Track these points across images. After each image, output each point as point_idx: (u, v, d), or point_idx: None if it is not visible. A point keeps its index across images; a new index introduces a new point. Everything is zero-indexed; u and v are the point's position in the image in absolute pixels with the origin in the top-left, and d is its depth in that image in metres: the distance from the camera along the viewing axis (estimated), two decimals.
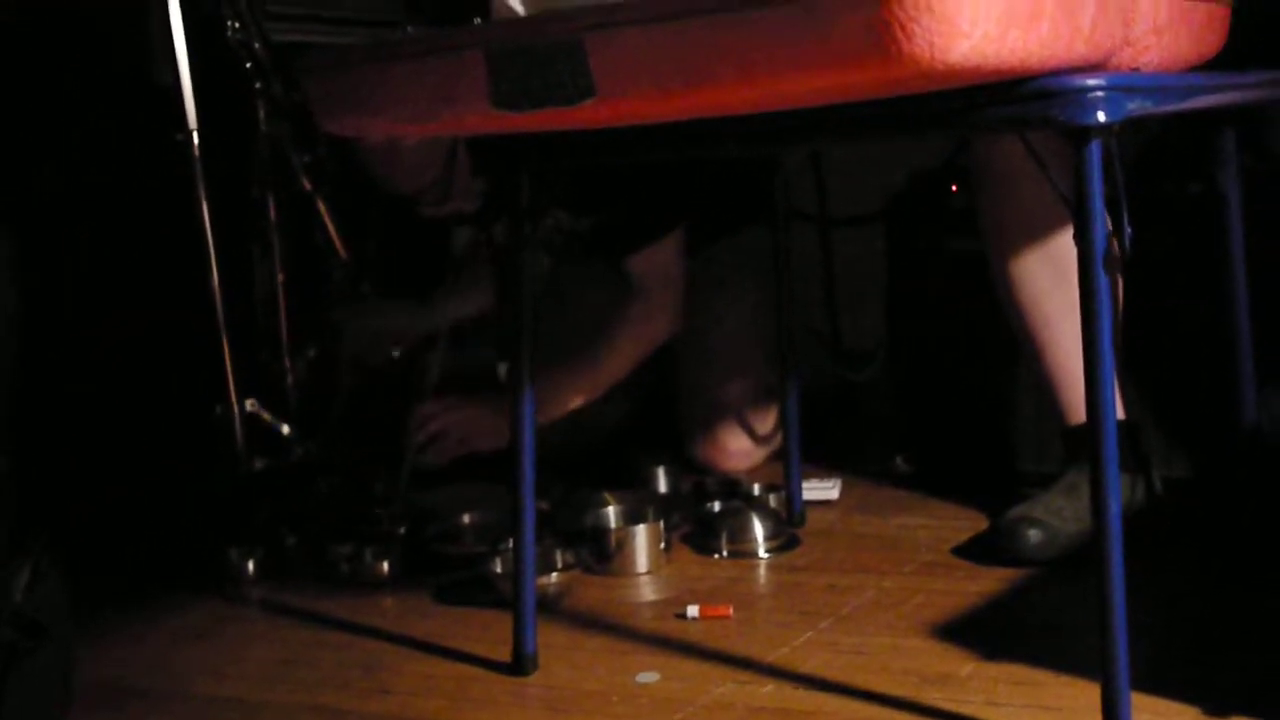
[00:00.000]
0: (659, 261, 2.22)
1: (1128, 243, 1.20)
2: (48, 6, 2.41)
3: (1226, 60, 1.44)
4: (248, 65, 2.07)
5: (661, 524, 1.89)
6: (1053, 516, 1.73)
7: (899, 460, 2.25)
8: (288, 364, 2.19)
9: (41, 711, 1.34)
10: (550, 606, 1.70)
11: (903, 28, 1.02)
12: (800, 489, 2.03)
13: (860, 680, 1.43)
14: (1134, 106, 1.17)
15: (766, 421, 2.32)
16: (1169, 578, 1.64)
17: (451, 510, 2.07)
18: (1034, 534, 1.71)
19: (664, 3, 1.15)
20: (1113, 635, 1.16)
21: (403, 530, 2.03)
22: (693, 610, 1.65)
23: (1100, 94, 1.14)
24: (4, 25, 2.30)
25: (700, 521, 2.00)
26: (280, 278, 2.16)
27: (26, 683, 1.31)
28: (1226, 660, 1.41)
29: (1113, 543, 1.16)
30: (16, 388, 1.41)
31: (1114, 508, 1.16)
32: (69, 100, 2.47)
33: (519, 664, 1.53)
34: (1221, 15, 1.42)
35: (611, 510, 1.96)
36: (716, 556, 1.90)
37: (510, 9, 1.27)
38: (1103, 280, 1.16)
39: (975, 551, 1.80)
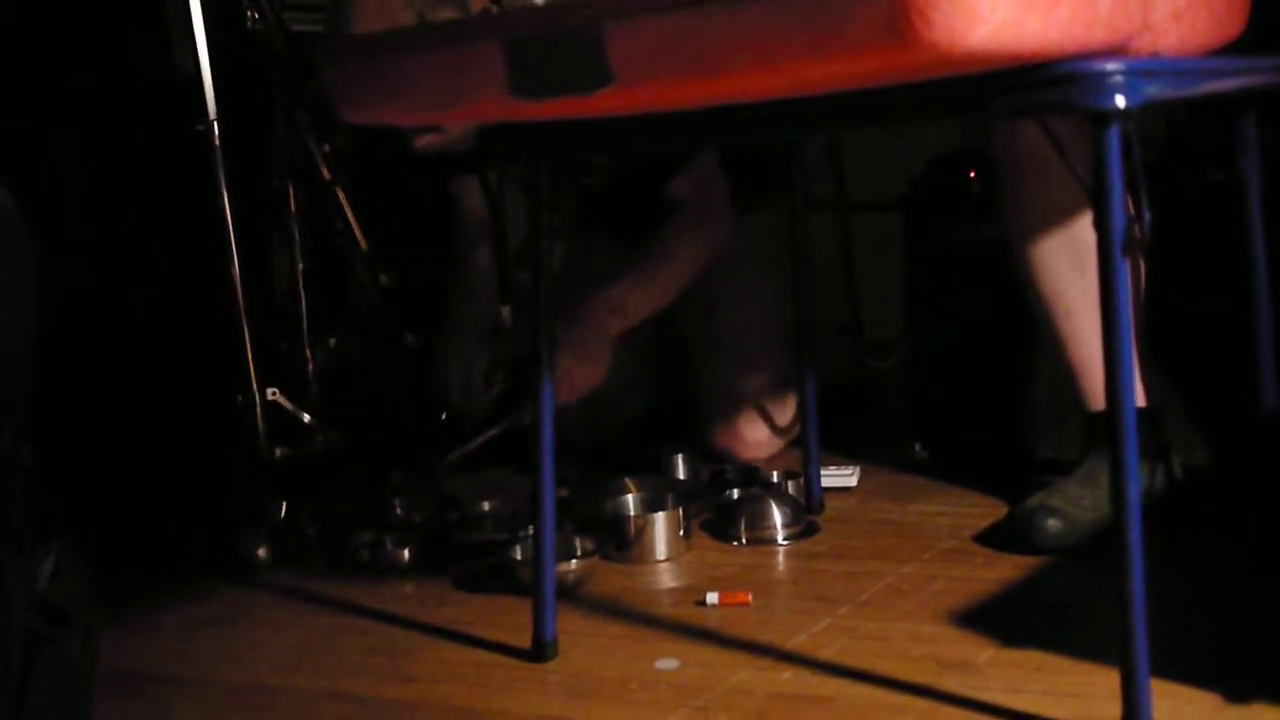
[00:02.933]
0: (703, 180, 2.26)
1: (1147, 228, 1.20)
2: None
3: (1247, 44, 1.43)
4: (267, 55, 2.08)
5: (681, 511, 1.89)
6: (1071, 505, 1.72)
7: (917, 447, 2.25)
8: (308, 353, 2.19)
9: (66, 698, 1.35)
10: (570, 593, 1.71)
11: (921, 14, 1.02)
12: (819, 476, 2.03)
13: (879, 666, 1.43)
14: (1153, 91, 1.17)
15: (785, 410, 2.32)
16: (1189, 564, 1.63)
17: (471, 498, 2.07)
18: (1052, 523, 1.71)
19: None
20: (1132, 621, 1.16)
21: (422, 518, 2.04)
22: (712, 597, 1.66)
23: (1119, 79, 1.13)
24: (23, 21, 2.30)
25: (719, 509, 2.01)
26: (300, 267, 2.17)
27: (51, 670, 1.32)
28: (1247, 646, 1.41)
29: (1132, 529, 1.16)
30: (37, 378, 1.42)
31: (1133, 494, 1.16)
32: (87, 91, 2.48)
33: (539, 650, 1.53)
34: None
35: (631, 498, 1.96)
36: (735, 544, 1.91)
37: None
38: (1121, 266, 1.16)
39: (994, 539, 1.80)
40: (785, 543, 1.89)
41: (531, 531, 1.58)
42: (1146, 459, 1.73)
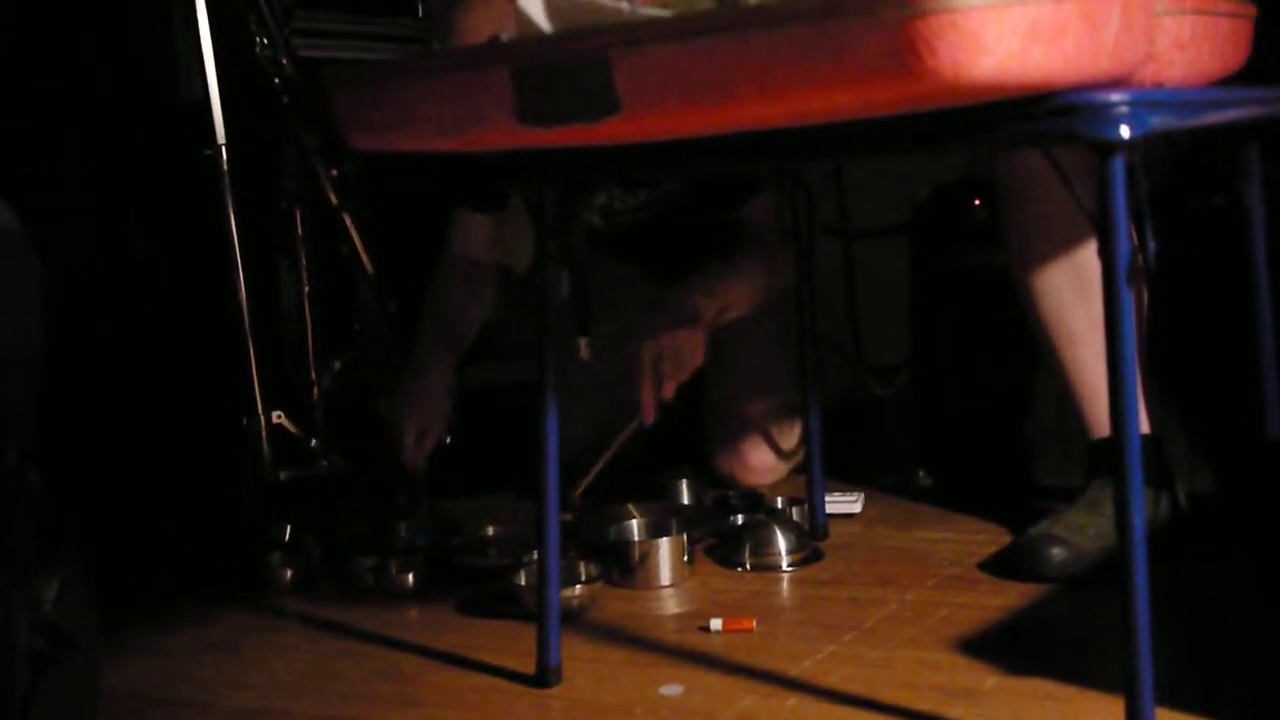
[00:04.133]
0: (770, 210, 2.23)
1: (1152, 256, 1.21)
2: (78, 25, 2.43)
3: (1250, 74, 1.44)
4: (276, 81, 2.09)
5: (685, 537, 1.89)
6: (1075, 534, 1.72)
7: (921, 474, 2.25)
8: (314, 377, 2.20)
9: None
10: (574, 619, 1.71)
11: (927, 45, 1.02)
12: (823, 502, 2.03)
13: (884, 694, 1.43)
14: (1157, 121, 1.17)
15: (790, 436, 2.32)
16: (1193, 593, 1.63)
17: (476, 523, 2.07)
18: (1057, 552, 1.71)
19: (688, 20, 1.16)
20: (1137, 650, 1.16)
21: (427, 543, 2.03)
22: (716, 623, 1.66)
23: (1124, 109, 1.14)
24: (33, 48, 2.32)
25: (723, 535, 2.01)
26: (306, 290, 2.18)
27: (55, 693, 1.32)
28: (1252, 676, 1.40)
29: (1137, 558, 1.16)
30: (43, 399, 1.43)
31: (1138, 523, 1.16)
32: (96, 114, 2.49)
33: (543, 676, 1.53)
34: (1245, 30, 1.43)
35: (635, 523, 1.96)
36: (740, 569, 1.90)
37: (536, 25, 1.28)
38: (1127, 294, 1.16)
39: (998, 567, 1.80)
40: (789, 569, 1.89)
41: (535, 556, 1.58)
42: (1150, 486, 1.73)
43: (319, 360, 2.21)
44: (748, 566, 1.90)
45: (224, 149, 2.04)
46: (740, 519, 2.04)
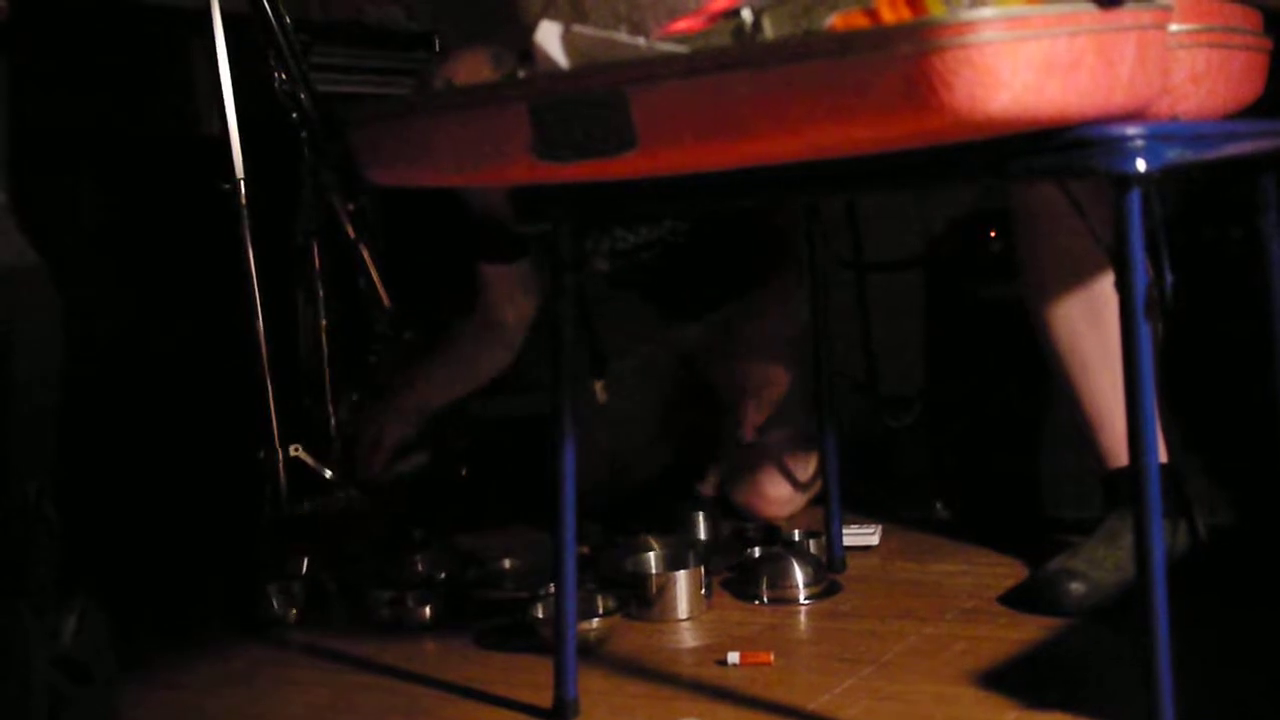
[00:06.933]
0: (784, 242, 2.31)
1: (1169, 290, 1.21)
2: (96, 59, 2.45)
3: (1265, 106, 1.44)
4: (294, 115, 2.10)
5: (702, 570, 1.89)
6: (1094, 567, 1.72)
7: (938, 506, 2.25)
8: (331, 410, 2.20)
9: None
10: (591, 652, 1.70)
11: (943, 80, 1.03)
12: (840, 535, 2.03)
13: None
14: (1173, 154, 1.17)
15: (806, 468, 2.32)
16: (1214, 626, 1.62)
17: (492, 555, 2.07)
18: (1075, 586, 1.71)
19: (705, 56, 1.17)
20: (1157, 684, 1.16)
21: (443, 575, 2.03)
22: (733, 657, 1.65)
23: (1140, 142, 1.14)
24: (51, 76, 2.34)
25: (741, 567, 2.00)
26: (324, 324, 2.18)
27: None
28: (1274, 710, 1.39)
29: (1157, 590, 1.16)
30: (61, 435, 1.43)
31: (1158, 555, 1.16)
32: (114, 147, 2.51)
33: (560, 710, 1.53)
34: (1261, 62, 1.43)
35: (652, 556, 1.96)
36: (757, 602, 1.90)
37: (553, 61, 1.29)
38: (1144, 327, 1.16)
39: (1016, 600, 1.79)
40: (807, 602, 1.88)
41: (553, 589, 1.57)
42: (1168, 517, 1.72)
43: (336, 393, 2.22)
44: (765, 599, 1.90)
45: (242, 183, 2.06)
46: (757, 551, 2.03)
